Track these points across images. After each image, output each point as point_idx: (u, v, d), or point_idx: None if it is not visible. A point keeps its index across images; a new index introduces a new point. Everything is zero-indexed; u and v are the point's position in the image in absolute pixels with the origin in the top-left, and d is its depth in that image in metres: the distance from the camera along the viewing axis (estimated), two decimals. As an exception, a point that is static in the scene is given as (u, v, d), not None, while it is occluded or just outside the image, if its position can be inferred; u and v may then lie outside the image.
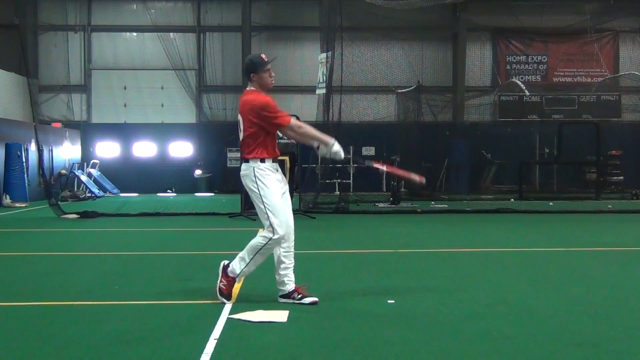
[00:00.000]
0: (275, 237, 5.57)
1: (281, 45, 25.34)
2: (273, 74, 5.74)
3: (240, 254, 5.73)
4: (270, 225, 5.57)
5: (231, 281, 5.75)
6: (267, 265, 8.13)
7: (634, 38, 25.45)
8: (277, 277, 5.77)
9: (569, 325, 5.05)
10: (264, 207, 5.58)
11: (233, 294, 5.85)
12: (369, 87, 23.64)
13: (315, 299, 5.70)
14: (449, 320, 5.19)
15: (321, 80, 17.48)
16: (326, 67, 16.98)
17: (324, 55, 17.39)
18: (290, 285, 5.73)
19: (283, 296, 5.74)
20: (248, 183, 5.68)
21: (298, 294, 5.72)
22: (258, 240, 5.65)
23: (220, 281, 5.74)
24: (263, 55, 5.75)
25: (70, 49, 24.54)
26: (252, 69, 5.67)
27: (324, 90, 17.15)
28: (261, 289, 6.37)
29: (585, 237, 11.70)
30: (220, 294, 5.70)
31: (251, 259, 5.67)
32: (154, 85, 25.17)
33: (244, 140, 5.68)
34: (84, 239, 11.33)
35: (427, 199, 19.57)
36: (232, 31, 24.88)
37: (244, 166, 5.73)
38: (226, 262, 5.82)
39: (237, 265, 5.71)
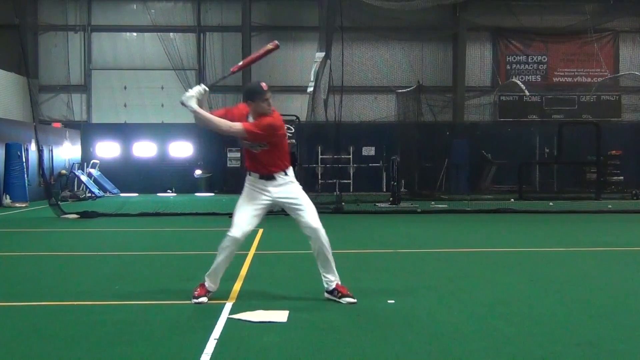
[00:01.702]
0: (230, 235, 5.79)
1: (281, 45, 25.24)
2: (271, 102, 5.80)
3: None
4: None
5: (203, 288, 5.85)
6: (266, 264, 8.14)
7: (634, 38, 25.46)
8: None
9: (569, 325, 5.05)
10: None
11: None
12: (369, 87, 23.64)
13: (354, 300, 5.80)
14: (449, 320, 5.19)
15: (312, 79, 17.45)
16: (320, 67, 16.95)
17: (319, 54, 17.40)
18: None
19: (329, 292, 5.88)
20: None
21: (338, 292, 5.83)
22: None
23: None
24: (263, 84, 5.78)
25: (70, 49, 24.56)
26: (250, 97, 5.77)
27: (311, 89, 17.11)
28: (261, 289, 6.38)
29: (585, 237, 11.70)
30: (193, 298, 5.81)
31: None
32: (154, 85, 25.18)
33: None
34: (84, 239, 11.32)
35: (427, 199, 19.58)
36: (232, 31, 24.89)
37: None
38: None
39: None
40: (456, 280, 7.01)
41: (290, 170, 5.95)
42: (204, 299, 5.73)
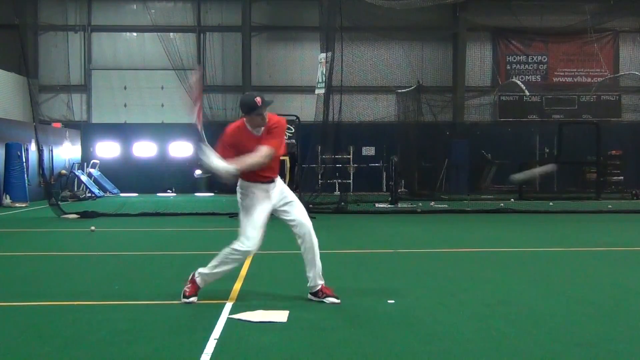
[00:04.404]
0: (244, 249, 5.65)
1: (281, 45, 25.34)
2: (265, 116, 5.68)
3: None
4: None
5: (195, 285, 5.82)
6: (266, 264, 8.13)
7: (634, 38, 25.45)
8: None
9: (569, 325, 5.05)
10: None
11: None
12: (369, 87, 23.64)
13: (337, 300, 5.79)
14: (449, 320, 5.19)
15: (320, 80, 17.48)
16: (325, 67, 16.98)
17: (323, 55, 17.40)
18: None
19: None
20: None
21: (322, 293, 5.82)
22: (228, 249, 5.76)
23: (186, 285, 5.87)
24: (258, 100, 5.62)
25: (70, 49, 24.56)
26: (245, 111, 5.73)
27: (323, 90, 17.16)
28: (261, 289, 6.38)
29: (585, 237, 11.71)
30: (183, 297, 5.78)
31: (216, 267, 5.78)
32: (154, 85, 25.17)
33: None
34: (84, 239, 11.31)
35: (427, 199, 19.58)
36: (232, 31, 24.88)
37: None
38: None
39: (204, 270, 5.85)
40: (456, 280, 7.02)
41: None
42: (194, 299, 5.74)
